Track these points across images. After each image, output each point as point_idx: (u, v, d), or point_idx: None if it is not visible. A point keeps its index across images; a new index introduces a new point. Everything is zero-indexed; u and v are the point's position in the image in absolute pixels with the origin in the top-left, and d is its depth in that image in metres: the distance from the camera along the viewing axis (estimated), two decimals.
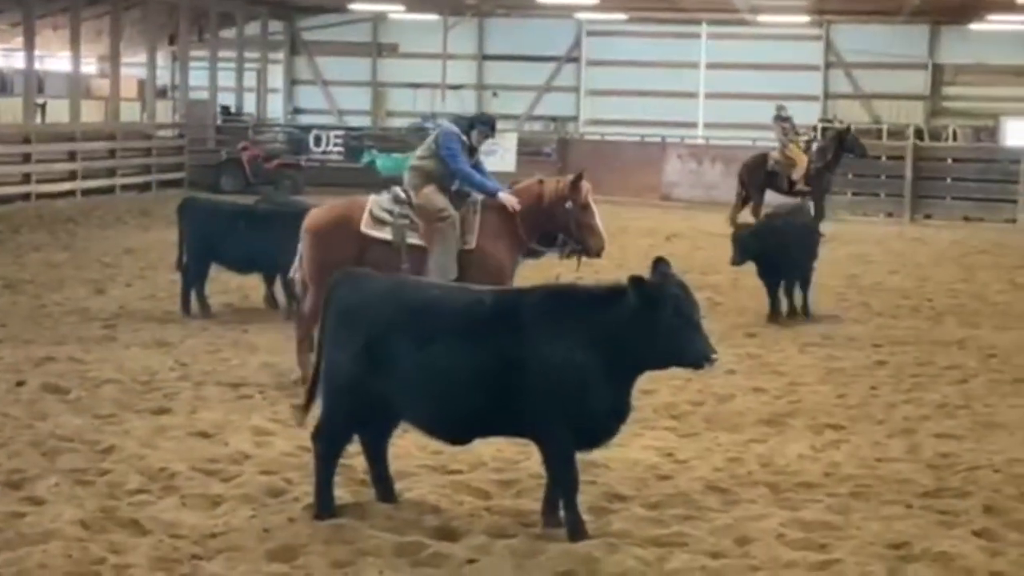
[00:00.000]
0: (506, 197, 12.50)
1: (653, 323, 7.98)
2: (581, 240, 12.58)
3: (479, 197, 12.58)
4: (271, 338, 15.17)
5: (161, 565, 7.73)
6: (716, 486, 9.57)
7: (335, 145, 40.64)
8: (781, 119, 28.65)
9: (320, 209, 13.07)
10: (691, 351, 8.08)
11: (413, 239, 12.46)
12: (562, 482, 8.34)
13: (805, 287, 16.96)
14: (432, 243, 12.39)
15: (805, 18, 40.31)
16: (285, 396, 12.05)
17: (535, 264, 13.39)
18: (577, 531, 8.25)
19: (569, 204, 12.44)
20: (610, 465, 9.88)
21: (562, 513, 8.38)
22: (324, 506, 8.56)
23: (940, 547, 8.23)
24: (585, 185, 12.50)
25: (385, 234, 12.47)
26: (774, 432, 11.28)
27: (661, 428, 11.31)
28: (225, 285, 18.47)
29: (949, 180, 34.24)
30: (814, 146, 28.64)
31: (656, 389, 12.11)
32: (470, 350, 8.22)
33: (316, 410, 8.85)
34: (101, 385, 12.42)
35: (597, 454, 9.72)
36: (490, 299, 8.54)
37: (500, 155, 38.98)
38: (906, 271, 21.71)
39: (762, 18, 39.88)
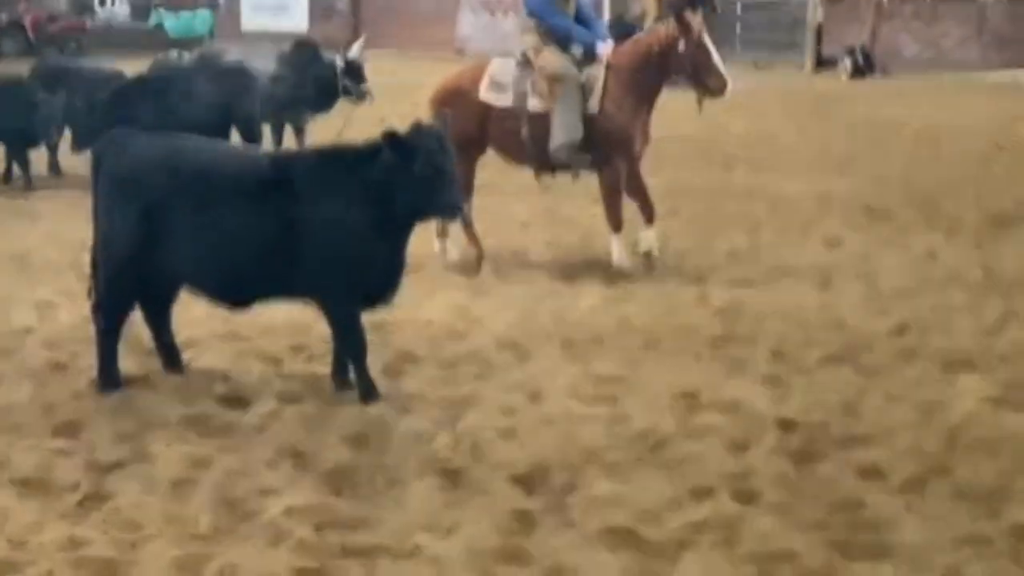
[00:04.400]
0: (604, 49, 11.75)
1: (408, 174, 7.89)
2: (700, 82, 11.77)
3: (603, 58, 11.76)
4: (55, 206, 14.77)
5: None
6: (509, 342, 9.56)
7: (121, 5, 39.63)
8: None
9: (442, 78, 12.40)
10: (443, 200, 8.01)
11: (535, 104, 11.74)
12: (349, 345, 8.27)
13: None
14: (554, 105, 11.65)
15: None
16: (69, 267, 11.73)
17: None
18: (369, 394, 8.19)
19: (682, 45, 11.58)
20: (403, 326, 9.83)
21: (352, 376, 8.31)
22: (108, 379, 8.36)
23: (729, 394, 8.35)
24: (695, 21, 11.63)
25: (505, 101, 11.80)
26: (567, 286, 11.30)
27: (454, 287, 11.25)
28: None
29: (739, 28, 34.54)
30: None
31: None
32: (245, 212, 8.05)
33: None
34: None
35: (389, 315, 9.69)
36: (266, 161, 8.37)
37: (291, 13, 38.41)
38: (697, 120, 21.78)
39: None
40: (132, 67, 17.93)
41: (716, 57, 11.83)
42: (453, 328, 9.95)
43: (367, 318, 8.36)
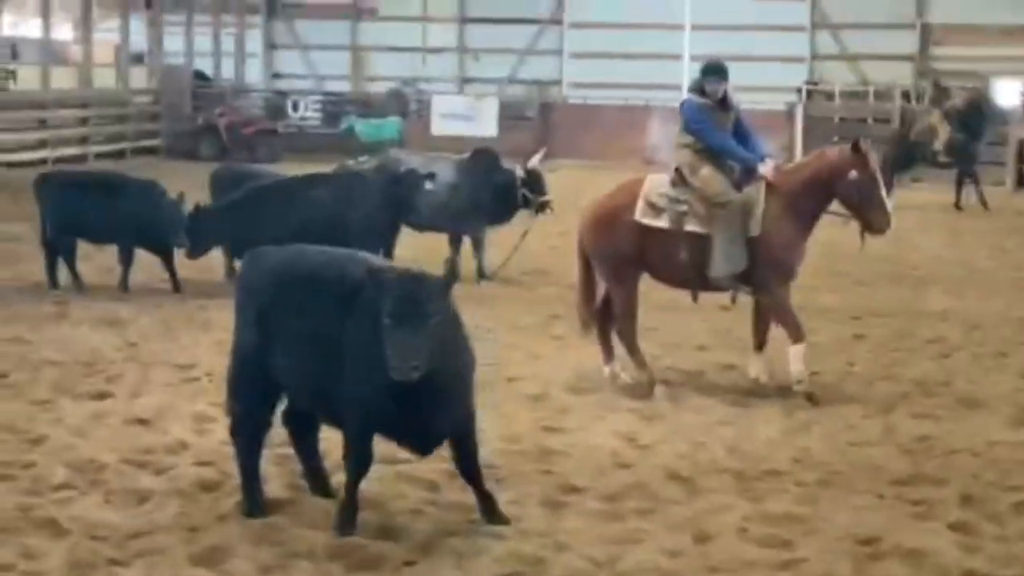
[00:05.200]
0: (766, 169, 11.37)
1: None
2: (864, 216, 11.40)
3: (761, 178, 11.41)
4: (228, 316, 14.56)
5: (75, 571, 7.21)
6: (677, 474, 9.05)
7: (314, 111, 40.19)
8: (938, 87, 28.62)
9: (597, 199, 12.08)
10: (389, 356, 7.09)
11: (693, 226, 11.38)
12: (352, 463, 7.70)
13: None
14: (714, 230, 11.31)
15: None
16: None
17: None
18: (344, 525, 7.69)
19: (854, 174, 11.23)
20: (566, 453, 9.37)
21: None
22: (252, 504, 8.01)
23: (912, 542, 7.75)
24: (873, 155, 11.39)
25: (662, 222, 11.43)
26: (743, 414, 10.74)
27: (624, 410, 10.75)
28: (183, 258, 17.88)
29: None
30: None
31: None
32: (325, 324, 7.61)
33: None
34: (41, 367, 11.86)
35: (556, 441, 9.29)
36: (360, 272, 7.63)
37: (481, 120, 38.52)
38: (890, 236, 21.00)
39: None
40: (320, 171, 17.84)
41: (884, 193, 11.42)
42: (619, 457, 9.45)
43: (531, 444, 7.90)
